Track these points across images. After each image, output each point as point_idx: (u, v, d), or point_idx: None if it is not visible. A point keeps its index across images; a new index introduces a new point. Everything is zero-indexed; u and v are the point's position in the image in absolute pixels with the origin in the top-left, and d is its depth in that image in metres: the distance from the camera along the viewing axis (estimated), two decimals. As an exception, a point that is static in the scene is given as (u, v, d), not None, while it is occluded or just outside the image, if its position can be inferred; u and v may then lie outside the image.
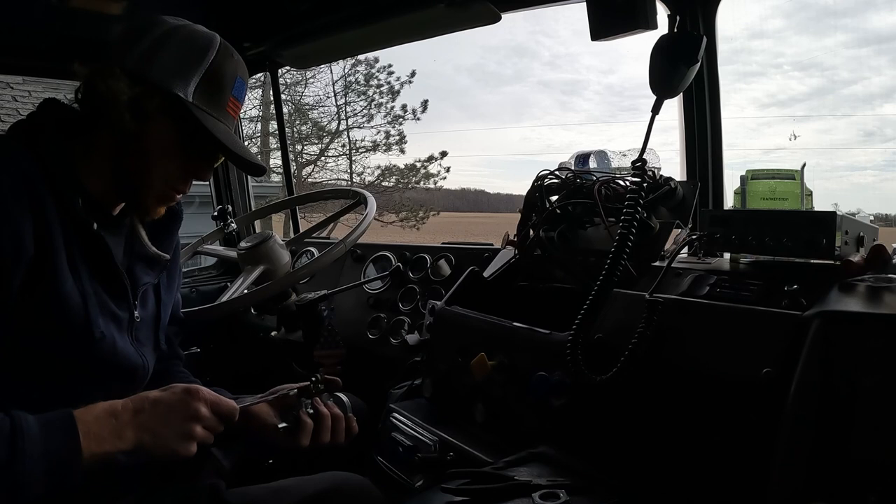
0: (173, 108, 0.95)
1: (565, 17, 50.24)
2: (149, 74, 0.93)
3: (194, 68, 0.96)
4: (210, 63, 0.98)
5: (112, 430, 0.80)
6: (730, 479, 0.86)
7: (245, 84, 1.05)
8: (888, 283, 0.92)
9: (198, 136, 0.97)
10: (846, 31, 11.68)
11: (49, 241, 0.85)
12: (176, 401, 0.85)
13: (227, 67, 1.00)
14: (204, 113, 0.97)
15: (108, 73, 0.92)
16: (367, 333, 1.85)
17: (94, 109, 0.94)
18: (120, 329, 0.97)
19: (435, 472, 1.11)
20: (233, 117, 1.03)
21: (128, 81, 0.92)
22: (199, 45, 0.98)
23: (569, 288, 1.29)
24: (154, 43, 0.95)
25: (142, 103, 0.92)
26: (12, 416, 0.75)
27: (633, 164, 1.05)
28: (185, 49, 0.97)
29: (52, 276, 0.86)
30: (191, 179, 1.03)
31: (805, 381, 0.77)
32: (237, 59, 1.03)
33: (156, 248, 1.06)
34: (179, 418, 0.84)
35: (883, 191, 16.58)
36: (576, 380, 1.00)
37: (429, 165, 12.39)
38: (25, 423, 0.75)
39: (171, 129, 0.96)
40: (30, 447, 0.73)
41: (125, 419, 0.81)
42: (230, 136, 1.01)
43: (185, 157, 0.99)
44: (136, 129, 0.93)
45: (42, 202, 0.85)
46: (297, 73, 11.47)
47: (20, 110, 5.82)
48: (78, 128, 0.95)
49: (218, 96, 0.99)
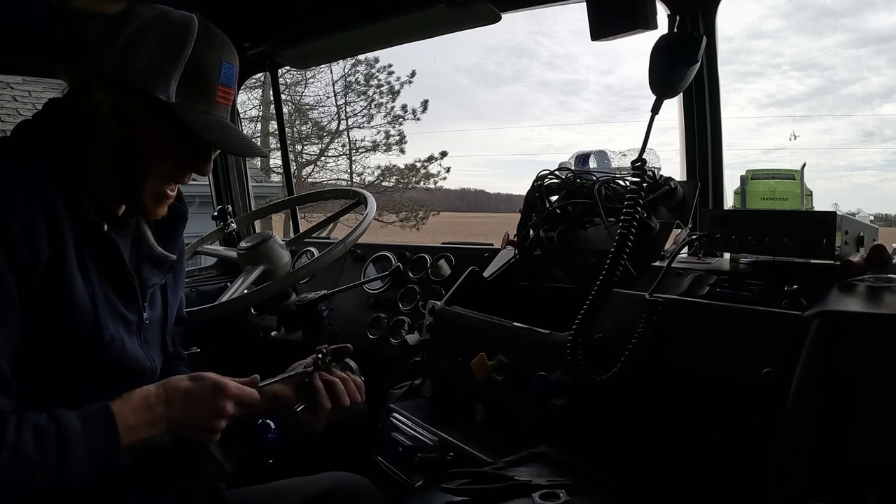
0: (157, 111, 0.90)
1: (564, 17, 50.36)
2: (126, 78, 0.89)
3: (173, 64, 0.89)
4: (189, 55, 0.90)
5: (148, 420, 0.86)
6: (730, 479, 0.86)
7: (234, 67, 0.97)
8: (888, 283, 0.92)
9: (188, 135, 0.92)
10: (845, 31, 11.70)
11: (60, 244, 0.85)
12: (206, 397, 0.90)
13: (210, 55, 0.93)
14: (191, 110, 0.91)
15: (86, 82, 0.89)
16: (367, 333, 1.85)
17: (80, 117, 0.91)
18: (129, 331, 0.97)
19: (435, 472, 1.11)
20: (224, 105, 0.96)
21: (105, 90, 0.88)
22: (176, 36, 0.90)
23: (569, 288, 1.29)
24: (128, 41, 0.89)
25: (124, 110, 0.89)
26: (57, 420, 0.80)
27: (632, 164, 1.05)
28: (162, 44, 0.89)
29: (62, 281, 0.85)
30: (189, 173, 0.99)
31: (805, 381, 0.77)
32: (220, 43, 0.95)
33: (162, 248, 1.05)
34: (207, 413, 0.90)
35: (883, 191, 16.58)
36: (576, 380, 1.00)
37: (429, 165, 12.41)
38: (70, 426, 0.80)
39: (159, 131, 0.91)
40: (76, 448, 0.79)
41: (159, 410, 0.87)
42: (223, 127, 0.95)
43: (179, 157, 0.95)
44: (124, 136, 0.90)
45: (53, 205, 0.85)
46: (297, 73, 11.49)
47: (20, 110, 5.82)
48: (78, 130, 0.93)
49: (204, 88, 0.93)
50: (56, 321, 0.85)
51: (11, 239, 0.79)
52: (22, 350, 0.83)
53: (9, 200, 0.81)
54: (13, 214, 0.80)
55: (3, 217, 0.80)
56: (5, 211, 0.80)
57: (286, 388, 1.04)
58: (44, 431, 0.78)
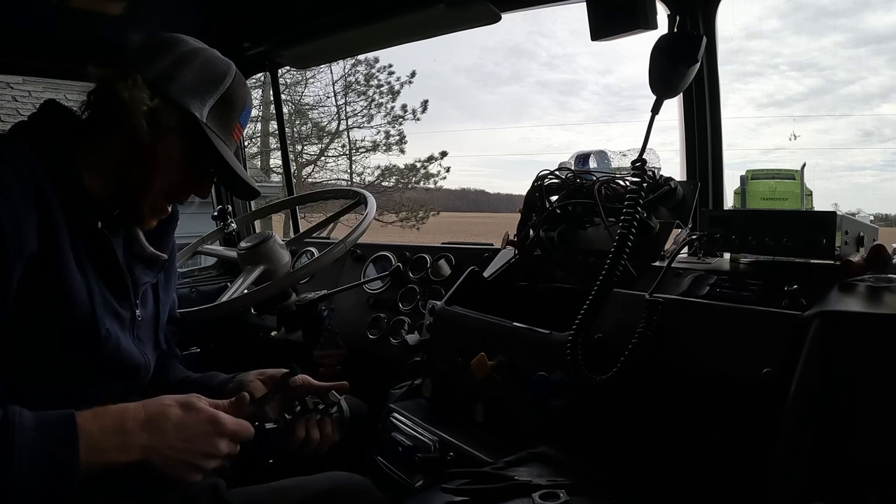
0: (187, 126, 0.98)
1: (562, 17, 50.36)
2: (169, 90, 0.96)
3: (211, 91, 1.01)
4: (227, 88, 1.02)
5: (117, 445, 0.77)
6: (730, 479, 0.86)
7: (250, 112, 1.12)
8: (888, 283, 0.92)
9: (204, 156, 1.00)
10: (843, 31, 11.70)
11: (55, 238, 0.86)
12: (200, 432, 0.82)
13: (239, 95, 1.05)
14: (214, 135, 1.00)
15: (130, 80, 0.93)
16: (367, 333, 1.85)
17: (106, 112, 0.94)
18: (122, 327, 0.98)
19: (435, 472, 1.11)
20: (235, 141, 1.08)
21: (148, 93, 0.94)
22: (218, 70, 1.03)
23: (569, 288, 1.29)
24: (176, 61, 0.98)
25: (159, 116, 0.95)
26: (6, 409, 0.72)
27: (632, 164, 1.05)
28: (206, 72, 1.01)
29: (58, 272, 0.86)
30: (189, 194, 1.06)
31: (805, 381, 0.77)
32: (248, 89, 1.09)
33: (153, 248, 1.08)
34: (198, 449, 0.82)
35: (883, 191, 16.60)
36: (576, 380, 1.00)
37: (429, 165, 12.41)
38: (20, 419, 0.72)
39: (181, 144, 0.99)
40: (21, 444, 0.70)
41: (134, 437, 0.78)
42: (232, 158, 1.05)
43: (188, 173, 1.02)
44: (149, 140, 0.95)
45: (47, 200, 0.86)
46: (297, 73, 11.48)
47: (20, 110, 5.82)
48: (83, 128, 0.96)
49: (227, 120, 1.04)
50: (53, 313, 0.86)
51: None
52: (17, 344, 0.83)
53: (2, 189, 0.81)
54: (4, 204, 0.80)
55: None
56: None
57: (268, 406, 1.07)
58: None
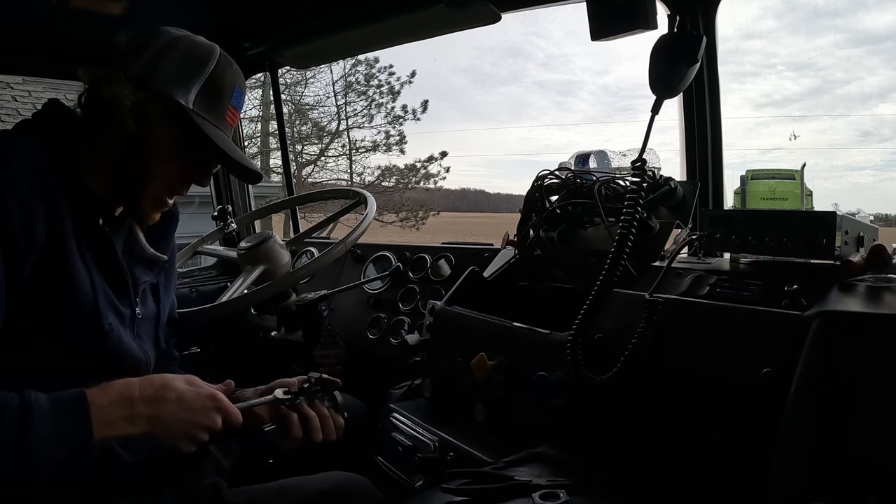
0: (175, 115, 0.98)
1: (559, 17, 50.29)
2: (152, 81, 0.97)
3: (195, 76, 1.00)
4: (210, 72, 1.01)
5: (125, 417, 0.81)
6: (730, 479, 0.86)
7: (243, 94, 1.09)
8: (888, 283, 0.92)
9: (198, 143, 1.00)
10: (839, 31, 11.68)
11: (60, 231, 0.87)
12: (199, 406, 0.87)
13: (227, 77, 1.04)
14: (203, 120, 1.00)
15: (112, 78, 0.95)
16: (367, 333, 1.85)
17: (97, 113, 0.96)
18: (123, 324, 0.99)
19: (435, 472, 1.11)
20: (230, 125, 1.06)
21: (131, 88, 0.95)
22: (201, 54, 1.02)
23: (569, 288, 1.29)
24: (157, 51, 0.99)
25: (144, 109, 0.95)
26: (22, 394, 0.76)
27: (632, 164, 1.05)
28: (188, 58, 1.00)
29: (64, 266, 0.87)
30: (189, 184, 1.06)
31: (805, 381, 0.77)
32: (236, 70, 1.07)
33: (153, 249, 1.09)
34: (196, 422, 0.86)
35: (882, 191, 16.57)
36: (576, 380, 1.00)
37: (429, 165, 12.40)
38: (36, 403, 0.76)
39: (172, 134, 0.99)
40: (40, 426, 0.74)
41: (140, 407, 0.82)
42: (228, 143, 1.04)
43: (185, 163, 1.02)
44: (139, 134, 0.96)
45: (52, 194, 0.87)
46: (297, 73, 11.48)
47: (20, 110, 5.82)
48: (81, 129, 0.97)
49: (217, 104, 1.03)
50: (57, 306, 0.87)
51: (9, 217, 0.81)
52: (21, 337, 0.84)
53: (10, 180, 0.83)
54: (13, 194, 0.82)
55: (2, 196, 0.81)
56: (4, 190, 0.82)
57: (261, 407, 1.02)
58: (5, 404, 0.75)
